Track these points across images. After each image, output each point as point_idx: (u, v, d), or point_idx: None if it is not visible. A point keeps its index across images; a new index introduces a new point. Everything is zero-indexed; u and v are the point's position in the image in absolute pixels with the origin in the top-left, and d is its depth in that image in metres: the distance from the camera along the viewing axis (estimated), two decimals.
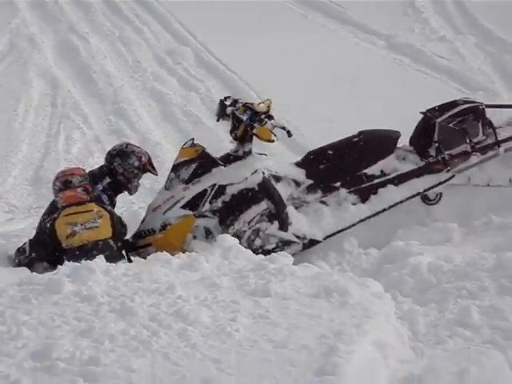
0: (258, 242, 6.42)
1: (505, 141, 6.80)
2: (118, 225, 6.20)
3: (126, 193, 6.91)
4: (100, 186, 6.54)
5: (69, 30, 16.40)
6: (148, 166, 6.73)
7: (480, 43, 14.19)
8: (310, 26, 15.93)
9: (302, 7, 16.67)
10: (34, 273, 5.34)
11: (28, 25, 16.81)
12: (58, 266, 5.00)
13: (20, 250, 6.39)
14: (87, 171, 6.74)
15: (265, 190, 6.37)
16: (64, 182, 6.13)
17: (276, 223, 6.42)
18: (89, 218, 5.96)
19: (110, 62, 15.18)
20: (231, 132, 6.51)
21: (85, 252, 5.68)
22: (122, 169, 6.60)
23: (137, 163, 6.60)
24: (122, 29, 16.48)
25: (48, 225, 6.09)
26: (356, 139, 6.82)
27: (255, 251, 6.05)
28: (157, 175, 7.11)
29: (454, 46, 14.33)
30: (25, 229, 7.79)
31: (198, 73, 14.27)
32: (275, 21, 16.13)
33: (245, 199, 6.36)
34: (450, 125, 6.70)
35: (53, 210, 6.26)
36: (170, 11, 16.98)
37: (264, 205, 6.37)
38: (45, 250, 6.15)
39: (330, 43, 15.13)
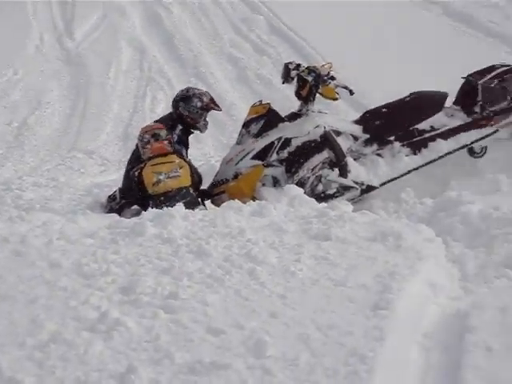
0: (320, 188, 6.74)
1: None
2: (195, 174, 6.61)
3: (198, 133, 7.37)
4: (175, 135, 6.88)
5: (155, 2, 17.60)
6: (211, 105, 7.02)
7: None
8: None
9: None
10: (122, 218, 5.75)
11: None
12: (142, 212, 5.40)
13: (111, 197, 6.87)
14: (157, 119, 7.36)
15: (326, 140, 6.71)
16: (153, 134, 6.50)
17: (336, 170, 6.75)
18: (171, 168, 6.37)
19: (191, 29, 16.28)
20: (296, 93, 6.88)
21: (168, 198, 6.10)
22: (187, 111, 6.94)
23: (199, 104, 6.90)
24: None
25: (136, 173, 6.51)
26: (408, 99, 7.10)
27: (318, 196, 6.46)
28: (220, 110, 7.56)
29: (506, 12, 14.74)
30: (116, 179, 8.13)
31: (270, 39, 15.37)
32: None
33: (308, 149, 6.70)
34: (492, 85, 6.95)
35: (136, 159, 6.74)
36: None
37: (326, 154, 6.72)
38: (133, 197, 6.64)
39: (391, 13, 15.71)
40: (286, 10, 16.21)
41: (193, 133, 7.28)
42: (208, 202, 6.85)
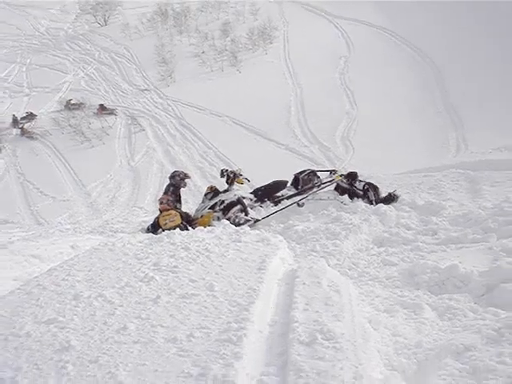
0: (236, 220, 10.39)
1: (321, 184, 11.37)
2: (184, 215, 10.55)
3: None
4: (172, 196, 11.00)
5: (167, 147, 27.74)
6: (184, 177, 11.26)
7: None
8: None
9: None
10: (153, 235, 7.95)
11: (151, 144, 28.42)
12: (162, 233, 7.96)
13: (148, 228, 10.97)
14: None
15: (239, 201, 10.87)
16: (161, 202, 10.82)
17: (243, 213, 10.73)
18: (170, 217, 10.29)
19: (182, 154, 26.35)
20: (226, 181, 11.35)
21: (171, 230, 8.69)
22: (174, 180, 11.22)
23: (178, 177, 11.21)
24: (186, 139, 27.84)
25: (155, 220, 10.77)
26: (271, 182, 11.68)
27: (236, 224, 9.77)
28: (190, 178, 11.75)
29: None
30: (149, 220, 12.18)
31: (214, 160, 25.40)
32: None
33: (231, 204, 10.78)
34: (304, 177, 11.55)
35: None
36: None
37: (239, 206, 10.80)
38: (155, 229, 10.44)
39: None
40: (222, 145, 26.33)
41: (180, 190, 11.20)
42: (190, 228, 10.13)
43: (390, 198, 10.21)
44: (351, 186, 10.96)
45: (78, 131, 30.80)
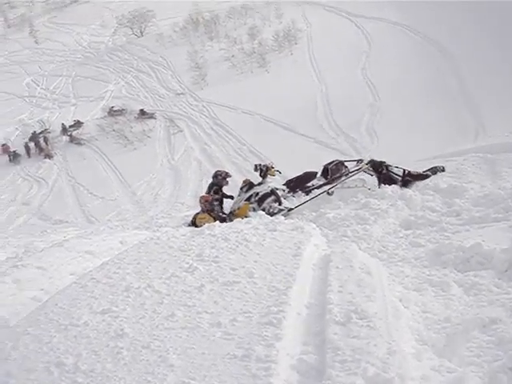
0: (271, 210, 10.52)
1: (349, 173, 11.35)
2: (218, 220, 10.34)
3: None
4: (216, 191, 11.63)
5: (203, 147, 27.93)
6: (225, 177, 11.83)
7: None
8: None
9: None
10: (194, 228, 8.37)
11: (189, 143, 28.79)
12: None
13: (189, 223, 11.37)
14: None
15: (273, 192, 11.00)
16: (200, 200, 11.53)
17: (277, 203, 10.91)
18: (205, 221, 10.09)
19: (218, 151, 26.58)
20: (259, 174, 11.55)
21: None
22: (217, 180, 11.81)
23: (220, 177, 11.82)
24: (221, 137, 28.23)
25: (193, 219, 11.26)
26: (302, 174, 11.77)
27: (270, 214, 9.86)
28: (230, 177, 12.14)
29: None
30: (191, 214, 12.60)
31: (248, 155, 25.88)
32: None
33: (266, 196, 10.92)
34: (333, 167, 11.52)
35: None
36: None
37: (273, 197, 10.94)
38: (194, 225, 10.58)
39: None
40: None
41: (223, 189, 11.65)
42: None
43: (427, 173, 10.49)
44: (388, 172, 10.92)
45: (121, 135, 31.21)
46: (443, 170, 10.61)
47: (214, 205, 11.28)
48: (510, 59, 27.69)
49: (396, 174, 10.83)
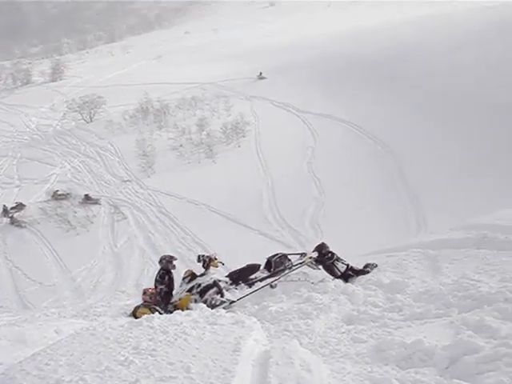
0: (213, 302, 10.53)
1: (293, 266, 11.33)
2: (156, 310, 10.45)
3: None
4: (163, 276, 11.39)
5: (147, 236, 27.67)
6: (170, 260, 11.55)
7: None
8: None
9: None
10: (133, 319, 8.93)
11: (133, 231, 28.26)
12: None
13: (129, 314, 11.20)
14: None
15: (215, 283, 10.89)
16: (143, 293, 11.61)
17: (219, 295, 10.73)
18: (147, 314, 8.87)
19: (162, 240, 26.18)
20: (202, 265, 11.41)
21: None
22: (162, 264, 11.56)
23: (165, 261, 11.52)
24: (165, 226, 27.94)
25: (133, 310, 11.01)
26: (245, 266, 11.60)
27: (212, 307, 10.01)
28: (175, 259, 11.83)
29: None
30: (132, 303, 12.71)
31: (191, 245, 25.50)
32: None
33: (208, 287, 10.85)
34: (277, 260, 11.48)
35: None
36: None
37: (215, 288, 10.82)
38: (134, 317, 10.34)
39: None
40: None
41: (171, 273, 11.38)
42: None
43: (367, 269, 10.61)
44: (331, 262, 10.97)
45: (64, 220, 30.66)
46: (376, 266, 10.76)
47: (158, 299, 11.13)
48: (452, 157, 29.04)
49: (338, 269, 10.90)
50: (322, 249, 11.31)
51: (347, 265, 10.88)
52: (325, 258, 11.10)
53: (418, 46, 51.00)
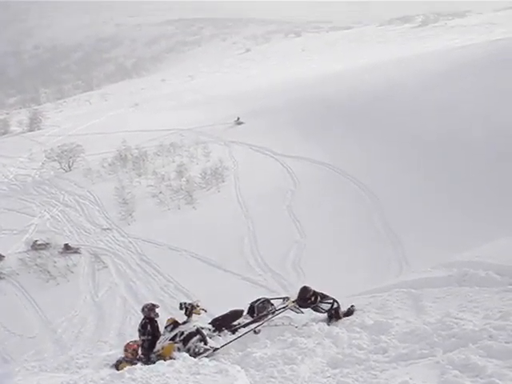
0: (196, 350, 10.51)
1: (276, 311, 11.45)
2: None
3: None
4: (145, 325, 11.24)
5: (128, 284, 27.31)
6: (151, 308, 11.37)
7: None
8: None
9: None
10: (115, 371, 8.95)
11: (114, 279, 27.96)
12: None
13: (111, 365, 11.34)
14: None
15: (198, 331, 10.86)
16: (125, 350, 11.47)
17: (202, 343, 10.72)
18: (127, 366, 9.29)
19: (144, 288, 26.01)
20: (184, 313, 11.33)
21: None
22: (144, 313, 11.40)
23: (146, 309, 11.36)
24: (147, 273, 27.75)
25: (117, 363, 11.11)
26: (228, 312, 11.68)
27: (196, 355, 10.15)
28: (158, 306, 11.70)
29: None
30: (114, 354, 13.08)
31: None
32: None
33: (191, 335, 10.78)
34: (260, 305, 11.59)
35: None
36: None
37: (198, 336, 10.79)
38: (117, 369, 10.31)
39: None
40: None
41: (155, 321, 11.28)
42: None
43: (350, 312, 10.81)
44: (315, 304, 11.10)
45: (44, 270, 30.25)
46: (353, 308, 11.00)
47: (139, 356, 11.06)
48: (430, 197, 29.39)
49: (323, 309, 11.04)
50: (305, 293, 11.35)
51: (332, 303, 10.99)
52: (308, 302, 11.16)
53: (395, 88, 51.91)
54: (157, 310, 11.53)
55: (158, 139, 54.27)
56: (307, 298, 11.24)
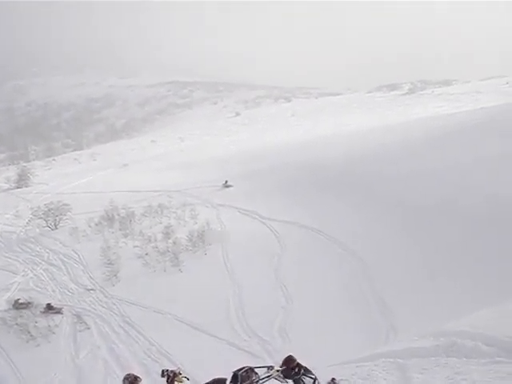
0: None
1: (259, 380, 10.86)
2: None
3: None
4: None
5: (111, 346, 27.21)
6: (133, 381, 10.49)
7: None
8: None
9: None
10: None
11: (96, 341, 27.64)
12: None
13: None
14: None
15: None
16: None
17: None
18: None
19: (126, 350, 25.77)
20: (166, 381, 10.91)
21: None
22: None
23: (127, 381, 10.53)
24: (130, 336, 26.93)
25: None
26: (211, 381, 10.84)
27: None
28: (140, 380, 10.63)
29: None
30: None
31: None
32: None
33: None
34: (243, 374, 10.73)
35: None
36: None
37: None
38: None
39: None
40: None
41: None
42: None
43: None
44: (298, 376, 10.78)
45: (25, 330, 29.79)
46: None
47: None
48: (417, 264, 29.54)
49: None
50: (289, 363, 11.15)
51: (314, 380, 10.73)
52: (292, 372, 10.97)
53: (381, 154, 52.83)
54: None
55: (146, 200, 54.51)
56: (291, 368, 11.03)
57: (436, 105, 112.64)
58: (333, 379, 10.93)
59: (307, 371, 11.03)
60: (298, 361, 11.17)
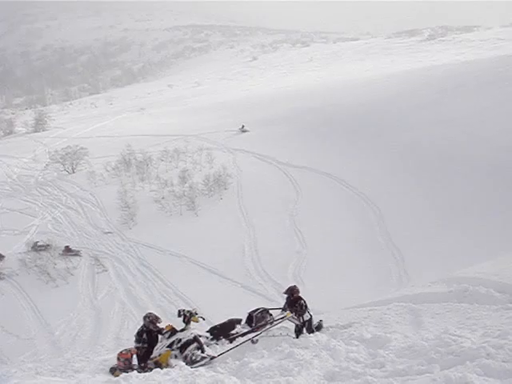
0: (193, 358, 10.34)
1: (274, 321, 11.51)
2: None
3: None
4: (141, 333, 11.00)
5: (128, 288, 27.47)
6: (153, 321, 10.97)
7: None
8: None
9: None
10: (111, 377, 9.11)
11: (113, 283, 27.93)
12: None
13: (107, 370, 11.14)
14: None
15: (195, 339, 10.74)
16: (117, 358, 10.87)
17: (199, 351, 10.56)
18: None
19: (143, 293, 25.86)
20: (183, 320, 11.16)
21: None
22: (144, 322, 11.07)
23: (148, 319, 11.00)
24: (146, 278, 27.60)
25: (112, 370, 10.65)
26: (227, 321, 11.67)
27: (193, 362, 10.13)
28: (160, 322, 11.13)
29: None
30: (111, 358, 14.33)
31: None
32: None
33: (188, 342, 10.64)
34: (258, 315, 11.58)
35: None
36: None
37: (196, 344, 10.65)
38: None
39: None
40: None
41: (153, 333, 10.94)
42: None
43: (320, 327, 11.41)
44: (300, 311, 11.34)
45: (44, 271, 30.31)
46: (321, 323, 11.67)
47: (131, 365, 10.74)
48: (434, 210, 29.39)
49: (303, 319, 11.35)
50: (293, 292, 11.64)
51: (310, 317, 11.44)
52: (295, 306, 11.43)
53: (399, 101, 52.09)
54: (158, 325, 11.20)
55: (163, 144, 54.45)
56: (295, 301, 11.45)
57: (456, 52, 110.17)
58: (320, 321, 11.50)
59: (306, 308, 11.43)
60: (301, 295, 11.65)
